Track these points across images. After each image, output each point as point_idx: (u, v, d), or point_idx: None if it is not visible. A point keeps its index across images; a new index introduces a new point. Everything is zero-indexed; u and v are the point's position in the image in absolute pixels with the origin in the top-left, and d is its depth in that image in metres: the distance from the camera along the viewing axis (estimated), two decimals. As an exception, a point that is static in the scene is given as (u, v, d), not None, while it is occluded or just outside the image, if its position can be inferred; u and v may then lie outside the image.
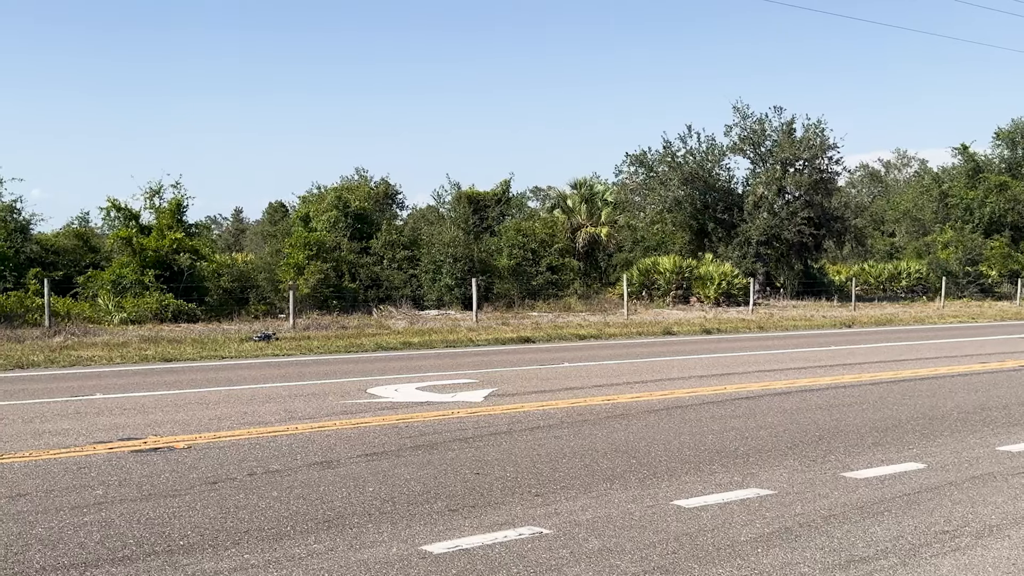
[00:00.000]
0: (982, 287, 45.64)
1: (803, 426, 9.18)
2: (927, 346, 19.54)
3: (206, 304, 27.55)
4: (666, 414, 9.94)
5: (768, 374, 13.84)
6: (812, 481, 6.79)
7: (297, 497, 6.29)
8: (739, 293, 35.78)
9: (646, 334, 23.09)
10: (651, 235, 43.93)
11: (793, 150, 40.83)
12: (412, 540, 5.31)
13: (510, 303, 31.60)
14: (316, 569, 4.83)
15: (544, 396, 11.28)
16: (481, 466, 7.25)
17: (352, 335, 20.77)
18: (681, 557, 5.04)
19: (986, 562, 5.00)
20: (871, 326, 27.75)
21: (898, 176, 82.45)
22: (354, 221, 34.80)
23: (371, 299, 31.34)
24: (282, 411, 10.06)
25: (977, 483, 6.77)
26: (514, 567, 4.86)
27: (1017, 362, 15.67)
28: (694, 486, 6.63)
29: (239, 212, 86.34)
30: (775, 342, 20.86)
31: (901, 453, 7.83)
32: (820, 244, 43.02)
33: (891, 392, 11.83)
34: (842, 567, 4.89)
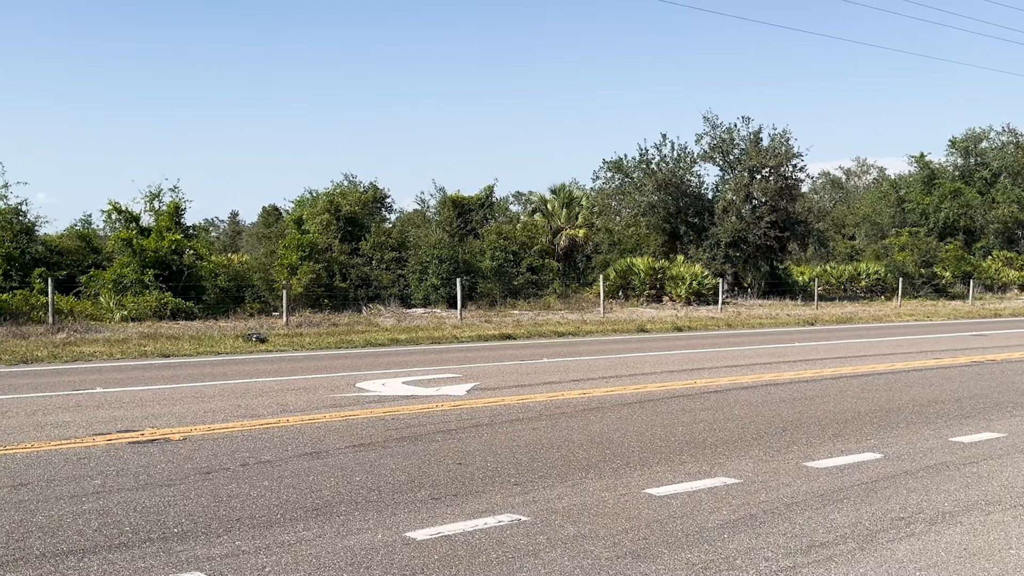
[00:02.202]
0: (936, 287, 45.91)
1: (768, 418, 9.20)
2: (885, 343, 19.63)
3: (203, 303, 27.38)
4: (639, 407, 9.94)
5: (736, 369, 13.86)
6: (776, 470, 6.80)
7: (287, 486, 6.24)
8: (709, 293, 35.87)
9: (621, 331, 23.10)
10: (627, 238, 43.98)
11: (760, 158, 40.99)
12: (397, 527, 5.28)
13: (493, 302, 31.57)
14: (305, 555, 4.79)
15: (524, 390, 11.26)
16: (463, 457, 7.23)
17: (342, 332, 20.69)
18: (652, 542, 5.03)
19: (939, 547, 5.01)
20: (832, 324, 27.87)
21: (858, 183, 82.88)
22: (345, 224, 34.68)
23: (361, 298, 31.25)
24: (274, 404, 10.00)
25: (931, 472, 6.79)
26: (493, 552, 4.84)
27: (969, 358, 15.76)
28: (665, 475, 6.63)
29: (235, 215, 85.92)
30: (742, 339, 20.91)
31: (860, 444, 7.85)
32: (785, 247, 43.20)
33: (851, 386, 11.88)
34: (803, 552, 4.89)
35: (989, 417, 9.31)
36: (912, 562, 4.75)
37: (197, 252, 28.70)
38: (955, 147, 61.50)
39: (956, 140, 61.47)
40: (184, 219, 29.57)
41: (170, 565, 4.64)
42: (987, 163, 59.43)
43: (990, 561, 4.79)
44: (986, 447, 7.78)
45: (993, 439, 8.14)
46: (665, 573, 4.55)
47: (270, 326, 22.19)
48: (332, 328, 21.95)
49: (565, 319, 26.59)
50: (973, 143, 60.69)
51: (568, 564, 4.66)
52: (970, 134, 60.94)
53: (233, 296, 29.13)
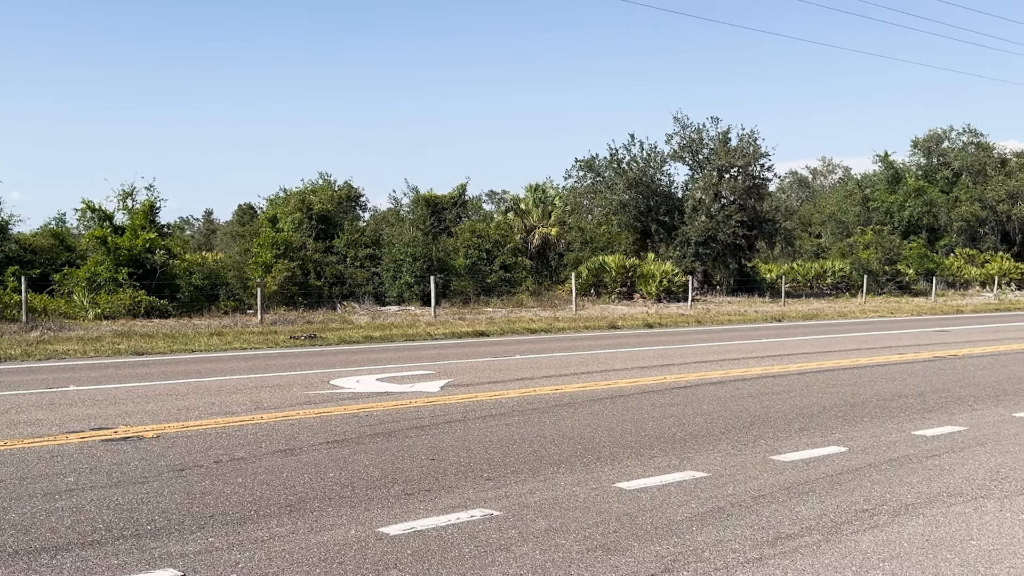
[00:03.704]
0: (900, 284, 46.38)
1: (736, 413, 9.25)
2: (850, 339, 19.80)
3: (177, 301, 27.13)
4: (610, 402, 9.97)
5: (704, 365, 13.94)
6: (743, 464, 6.84)
7: (261, 483, 6.20)
8: (679, 290, 36.03)
9: (593, 328, 23.16)
10: (599, 236, 44.07)
11: (728, 158, 41.20)
12: (370, 523, 5.26)
13: (466, 299, 31.54)
14: (278, 551, 4.76)
15: (497, 386, 11.25)
16: (436, 452, 7.21)
17: (316, 329, 20.58)
18: (622, 536, 5.04)
19: (902, 538, 5.06)
20: (799, 320, 28.08)
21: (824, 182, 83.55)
22: (318, 222, 34.50)
23: (335, 296, 31.11)
24: (248, 401, 9.93)
25: (894, 465, 6.86)
26: (466, 547, 4.83)
27: (931, 353, 15.93)
28: (635, 469, 6.65)
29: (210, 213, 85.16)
30: (712, 335, 21.02)
31: (825, 437, 7.91)
32: (753, 244, 43.45)
33: (816, 381, 11.97)
34: (770, 543, 4.92)
35: (951, 411, 9.42)
36: (876, 553, 4.79)
37: (171, 250, 28.44)
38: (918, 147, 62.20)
39: (919, 140, 62.17)
40: (158, 217, 29.29)
41: (143, 562, 4.60)
42: (949, 163, 60.15)
43: (952, 552, 4.84)
44: (948, 440, 7.87)
45: (955, 432, 8.23)
46: (635, 565, 4.56)
47: (244, 324, 22.03)
48: (306, 326, 21.83)
49: (538, 316, 26.61)
50: (935, 143, 61.38)
51: (539, 557, 4.67)
52: (932, 134, 61.64)
53: (207, 294, 28.88)
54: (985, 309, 35.65)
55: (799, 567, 4.56)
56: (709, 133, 42.43)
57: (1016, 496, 5.98)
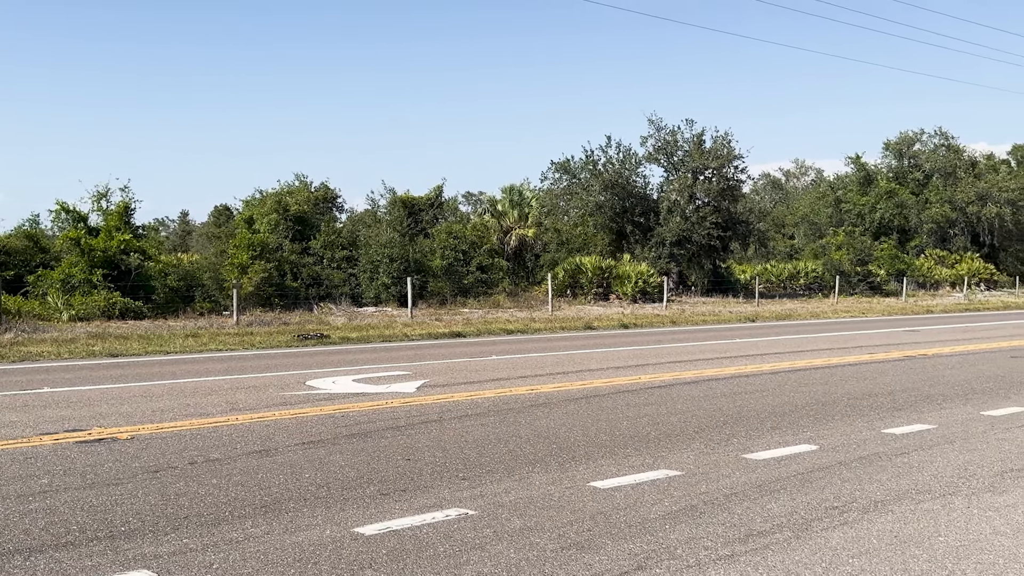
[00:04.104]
0: (872, 285, 46.78)
1: (709, 412, 9.31)
2: (822, 338, 19.96)
3: (152, 302, 26.92)
4: (585, 402, 10.00)
5: (679, 365, 14.00)
6: (716, 462, 6.89)
7: (236, 484, 6.18)
8: (654, 291, 36.16)
9: (569, 329, 23.20)
10: (575, 237, 44.18)
11: (703, 160, 41.43)
12: (345, 523, 5.25)
13: (443, 300, 31.51)
14: (252, 552, 4.75)
15: (473, 387, 11.26)
16: (412, 452, 7.21)
17: (293, 331, 20.49)
18: (596, 534, 5.06)
19: (871, 535, 5.11)
20: (772, 320, 28.26)
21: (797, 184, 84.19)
22: (295, 223, 34.35)
23: (312, 297, 30.98)
24: (224, 403, 9.88)
25: (864, 463, 6.92)
26: (441, 546, 4.83)
27: (901, 352, 16.09)
28: (609, 468, 6.67)
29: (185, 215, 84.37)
30: (686, 335, 21.12)
31: (796, 436, 7.98)
32: (727, 246, 43.70)
33: (789, 380, 12.06)
34: (741, 541, 4.96)
35: (920, 410, 9.52)
36: (845, 549, 4.84)
37: (146, 252, 28.22)
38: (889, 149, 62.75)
39: (890, 142, 62.72)
40: (133, 219, 29.09)
41: (117, 564, 4.57)
42: (920, 165, 60.71)
43: (920, 548, 4.89)
44: (917, 438, 7.95)
45: (924, 431, 8.32)
46: (608, 563, 4.58)
47: (220, 325, 21.90)
48: (283, 327, 21.73)
49: (514, 317, 26.63)
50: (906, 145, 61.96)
51: (514, 556, 4.68)
52: (903, 137, 62.22)
53: (183, 296, 28.68)
54: (955, 309, 36.03)
55: (770, 564, 4.60)
56: (684, 135, 42.71)
57: (984, 493, 6.05)
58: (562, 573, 4.45)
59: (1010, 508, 5.69)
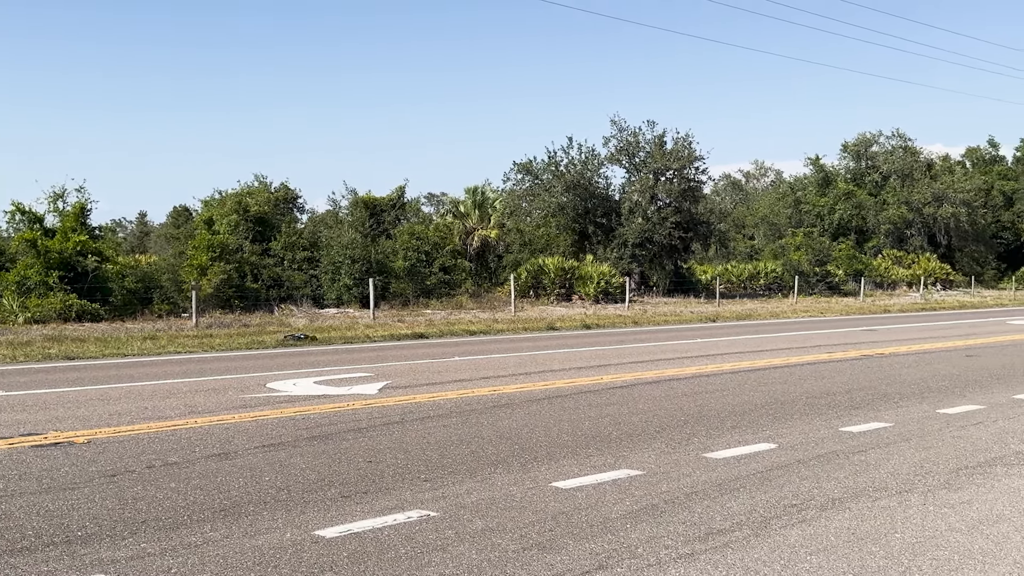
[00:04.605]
0: (830, 285, 47.34)
1: (670, 412, 9.37)
2: (781, 338, 20.17)
3: (110, 304, 26.56)
4: (547, 403, 10.02)
5: (641, 365, 14.08)
6: (677, 462, 6.94)
7: (195, 488, 6.11)
8: (617, 291, 36.32)
9: (532, 329, 23.24)
10: (537, 238, 44.24)
11: (664, 161, 41.66)
12: (305, 526, 5.22)
13: (405, 301, 31.41)
14: (211, 556, 4.71)
15: (435, 388, 11.24)
16: (374, 454, 7.18)
17: (253, 333, 20.32)
18: (558, 534, 5.08)
19: (829, 532, 5.18)
20: (733, 320, 28.50)
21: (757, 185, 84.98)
22: (255, 224, 34.05)
23: (273, 298, 30.72)
24: (182, 406, 9.77)
25: (822, 461, 7.01)
26: (402, 548, 4.82)
27: (859, 352, 16.31)
28: (571, 468, 6.70)
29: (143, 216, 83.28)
30: (648, 336, 21.24)
31: (756, 435, 8.06)
32: (688, 246, 43.99)
33: (748, 380, 12.17)
34: (701, 539, 5.00)
35: (877, 408, 9.66)
36: (803, 547, 4.90)
37: (103, 253, 27.83)
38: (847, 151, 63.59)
39: (848, 144, 63.56)
40: (90, 220, 28.69)
41: (74, 568, 4.51)
42: (877, 166, 61.55)
43: (877, 545, 4.96)
44: (874, 436, 8.06)
45: (880, 429, 8.44)
46: (570, 563, 4.60)
47: (179, 327, 21.66)
48: (243, 329, 21.54)
49: (477, 318, 26.61)
50: (864, 147, 62.82)
51: (476, 557, 4.68)
52: (861, 138, 63.09)
53: (141, 297, 28.31)
54: (911, 309, 36.58)
55: (729, 562, 4.65)
56: (645, 136, 42.92)
57: (939, 490, 6.15)
58: (524, 573, 4.46)
59: (965, 505, 5.79)
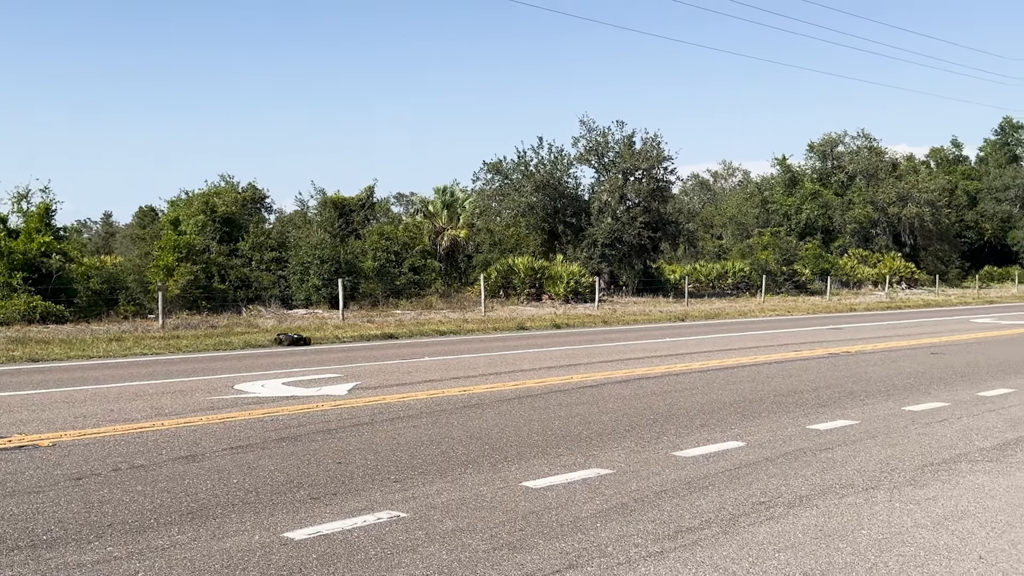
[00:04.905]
0: (797, 284, 47.74)
1: (640, 411, 9.41)
2: (749, 337, 20.32)
3: (75, 306, 26.21)
4: (518, 403, 10.02)
5: (610, 364, 14.13)
6: (647, 460, 6.97)
7: (161, 490, 6.05)
8: (586, 291, 36.40)
9: (502, 329, 23.23)
10: (507, 238, 44.24)
11: (633, 161, 41.83)
12: (274, 528, 5.19)
13: (375, 302, 31.28)
14: (179, 559, 4.66)
15: (405, 388, 11.21)
16: (343, 456, 7.15)
17: (221, 334, 20.15)
18: (528, 534, 5.08)
19: (796, 529, 5.22)
20: (701, 319, 28.66)
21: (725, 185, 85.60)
22: (222, 225, 33.77)
23: (240, 299, 30.48)
24: (149, 408, 9.67)
25: (790, 458, 7.07)
26: (372, 549, 4.80)
27: (825, 350, 16.46)
28: (541, 468, 6.71)
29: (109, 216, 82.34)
30: (617, 335, 21.31)
31: (724, 433, 8.11)
32: (657, 246, 44.20)
33: (717, 378, 12.25)
34: (671, 537, 5.03)
35: (843, 406, 9.75)
36: (771, 544, 4.94)
37: (67, 254, 27.47)
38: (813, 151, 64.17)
39: (814, 144, 64.13)
40: (54, 220, 28.34)
41: (39, 573, 4.45)
42: (843, 166, 62.16)
43: (844, 541, 5.01)
44: (840, 434, 8.14)
45: (847, 426, 8.53)
46: (540, 562, 4.60)
47: (145, 329, 21.43)
48: (210, 330, 21.35)
49: (447, 318, 26.56)
50: (830, 147, 63.42)
51: (446, 558, 4.67)
52: (827, 139, 63.67)
53: (106, 299, 27.98)
54: (877, 307, 36.98)
55: (698, 559, 4.67)
56: (614, 136, 43.05)
57: (905, 487, 6.22)
58: (494, 573, 4.46)
59: (930, 501, 5.86)
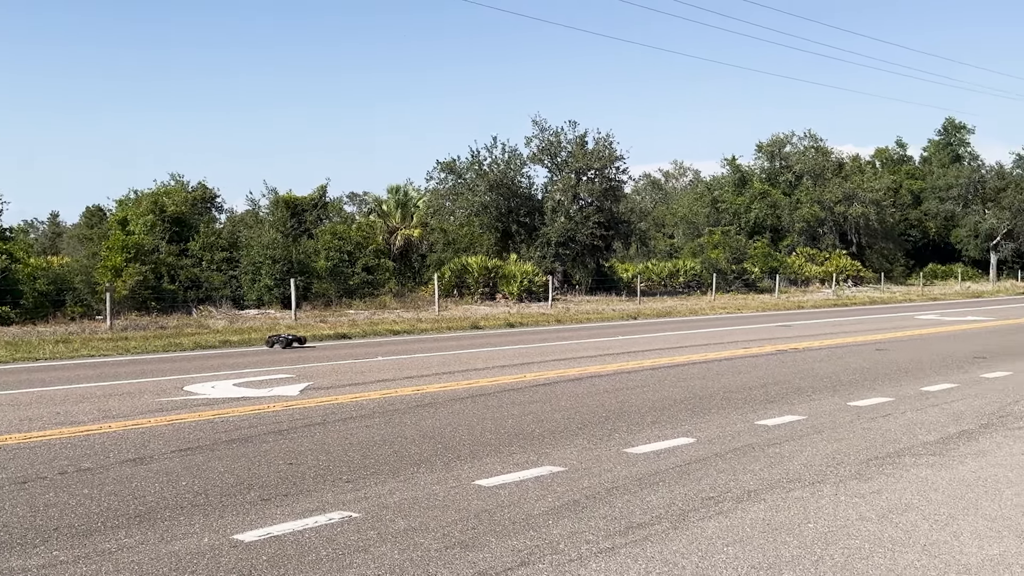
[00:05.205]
0: (747, 282, 48.30)
1: (592, 408, 9.45)
2: (700, 335, 20.51)
3: (20, 307, 25.72)
4: (471, 401, 10.02)
5: (563, 362, 14.17)
6: (598, 457, 7.00)
7: (109, 494, 5.95)
8: (540, 290, 36.49)
9: (456, 329, 23.19)
10: (461, 237, 44.17)
11: (586, 160, 42.01)
12: (224, 530, 5.13)
13: (328, 302, 31.05)
14: (126, 562, 4.58)
15: (358, 388, 11.14)
16: (295, 457, 7.08)
17: (171, 335, 19.86)
18: (480, 532, 5.08)
19: (744, 523, 5.29)
20: (653, 318, 28.87)
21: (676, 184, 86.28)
22: (172, 224, 33.31)
23: (191, 300, 30.10)
24: (96, 410, 9.50)
25: (738, 454, 7.15)
26: (323, 550, 4.77)
27: (774, 347, 16.67)
28: (494, 466, 6.71)
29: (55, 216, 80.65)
30: (571, 334, 21.38)
31: (675, 429, 8.18)
32: (610, 245, 44.43)
33: (668, 376, 12.35)
34: (622, 533, 5.06)
35: (791, 401, 9.89)
36: (720, 538, 4.99)
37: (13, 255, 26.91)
38: (762, 151, 64.95)
39: (763, 145, 64.91)
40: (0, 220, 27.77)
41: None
42: (791, 166, 63.00)
43: (791, 535, 5.08)
44: (788, 429, 8.26)
45: (794, 421, 8.65)
46: (492, 560, 4.61)
47: (93, 330, 21.05)
48: (160, 331, 21.04)
49: (401, 317, 26.45)
50: (778, 147, 64.23)
51: (398, 557, 4.65)
52: (775, 139, 64.49)
53: (53, 300, 27.47)
54: (824, 305, 37.54)
55: (648, 555, 4.71)
56: (567, 136, 43.20)
57: (850, 480, 6.33)
58: (446, 572, 4.45)
59: (875, 494, 5.96)
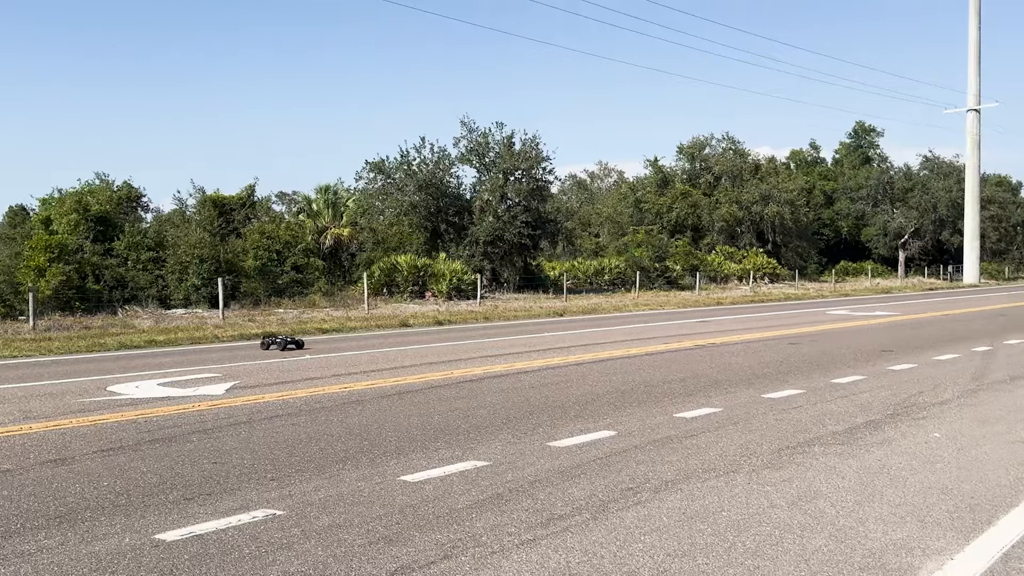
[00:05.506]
0: (669, 280, 48.95)
1: (517, 404, 9.49)
2: (623, 331, 20.73)
3: (-62, 308, 24.77)
4: (398, 398, 9.97)
5: (490, 359, 14.20)
6: (522, 451, 7.04)
7: (28, 495, 5.78)
8: (469, 288, 36.46)
9: (385, 327, 23.05)
10: (390, 236, 43.87)
11: (513, 161, 42.11)
12: (145, 530, 5.02)
13: (257, 301, 30.54)
14: (46, 563, 4.46)
15: (285, 387, 11.00)
16: (219, 456, 6.97)
17: (95, 335, 19.34)
18: (404, 527, 5.07)
19: (662, 513, 5.37)
20: (579, 315, 29.09)
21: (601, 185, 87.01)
22: (96, 224, 32.39)
23: (116, 300, 29.31)
24: (16, 411, 9.20)
25: (657, 446, 7.26)
26: (246, 548, 4.70)
27: (693, 342, 16.96)
28: (420, 462, 6.69)
29: (-24, 216, 77.79)
30: (499, 331, 21.43)
31: (597, 423, 8.27)
32: (537, 244, 44.61)
33: (591, 371, 12.47)
34: (543, 525, 5.09)
35: (708, 394, 10.07)
36: (638, 528, 5.06)
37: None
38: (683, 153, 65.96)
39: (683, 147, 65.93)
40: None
41: None
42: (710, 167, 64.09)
43: (705, 523, 5.18)
44: (705, 421, 8.41)
45: (711, 413, 8.81)
46: (416, 555, 4.60)
47: (15, 331, 20.38)
48: (84, 331, 20.46)
49: (330, 316, 26.17)
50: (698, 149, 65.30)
51: (321, 554, 4.61)
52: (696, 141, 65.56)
53: (-27, 300, 26.54)
54: (742, 301, 38.29)
55: (568, 545, 4.75)
56: (494, 137, 43.22)
57: (763, 470, 6.47)
58: (369, 567, 4.43)
59: (786, 483, 6.11)
